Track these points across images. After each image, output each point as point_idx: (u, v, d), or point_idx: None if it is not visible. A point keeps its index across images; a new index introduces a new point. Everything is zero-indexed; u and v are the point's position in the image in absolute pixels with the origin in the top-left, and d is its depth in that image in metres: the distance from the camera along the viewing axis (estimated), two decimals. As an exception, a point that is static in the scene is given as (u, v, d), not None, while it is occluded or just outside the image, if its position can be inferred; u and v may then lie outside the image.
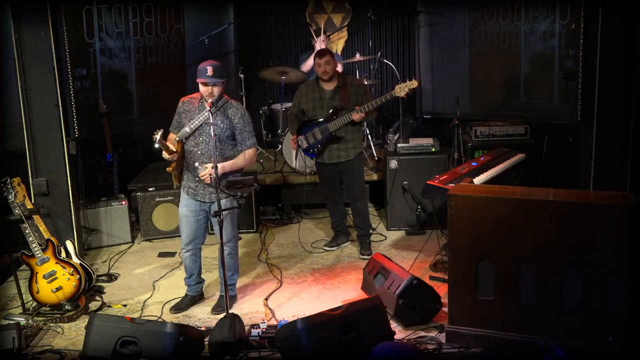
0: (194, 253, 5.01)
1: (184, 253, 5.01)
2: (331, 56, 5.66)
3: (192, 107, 4.83)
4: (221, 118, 4.76)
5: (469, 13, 7.39)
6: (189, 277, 5.09)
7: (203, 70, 4.68)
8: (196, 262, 5.05)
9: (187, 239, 4.96)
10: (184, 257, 5.06)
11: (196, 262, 5.06)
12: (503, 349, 4.24)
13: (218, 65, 4.73)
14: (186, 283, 5.13)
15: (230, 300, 4.96)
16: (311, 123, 5.77)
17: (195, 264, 5.06)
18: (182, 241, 4.99)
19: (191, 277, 5.09)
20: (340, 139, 5.69)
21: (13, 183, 5.01)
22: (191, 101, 4.86)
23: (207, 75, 4.65)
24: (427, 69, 7.81)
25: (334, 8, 8.15)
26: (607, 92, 5.65)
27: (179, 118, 4.87)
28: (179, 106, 4.90)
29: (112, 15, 6.87)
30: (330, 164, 5.80)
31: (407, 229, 6.47)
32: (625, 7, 5.43)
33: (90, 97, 6.62)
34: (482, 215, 4.23)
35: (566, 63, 6.55)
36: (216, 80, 4.67)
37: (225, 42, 7.87)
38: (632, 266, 3.93)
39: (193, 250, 5.00)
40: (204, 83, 4.68)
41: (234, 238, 5.01)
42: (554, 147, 6.46)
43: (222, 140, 4.75)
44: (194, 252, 5.01)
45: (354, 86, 5.75)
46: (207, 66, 4.68)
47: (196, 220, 4.92)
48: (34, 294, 5.00)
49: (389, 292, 4.69)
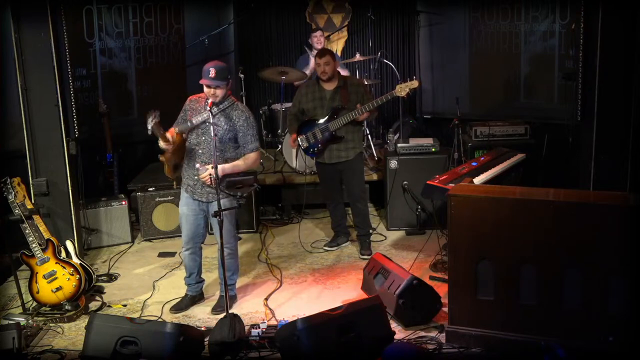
0: (194, 252, 5.01)
1: (184, 252, 5.02)
2: (331, 56, 5.65)
3: (199, 106, 4.82)
4: (225, 119, 4.76)
5: (469, 13, 7.40)
6: (188, 277, 5.09)
7: (206, 71, 4.66)
8: (196, 261, 5.06)
9: (187, 238, 4.96)
10: (183, 256, 5.06)
11: (196, 261, 5.06)
12: (503, 349, 4.24)
13: (222, 67, 4.71)
14: (186, 282, 5.13)
15: (230, 300, 4.96)
16: (311, 123, 5.76)
17: (195, 263, 5.06)
18: (183, 240, 5.01)
19: (191, 276, 5.09)
20: (340, 138, 5.69)
21: (13, 183, 5.01)
22: (198, 100, 4.86)
23: (210, 77, 4.64)
24: (427, 69, 7.82)
25: (334, 8, 8.16)
26: (607, 92, 5.65)
27: (185, 115, 4.87)
28: (186, 104, 4.90)
29: (112, 15, 6.88)
30: (330, 163, 5.80)
31: (407, 229, 6.47)
32: (625, 7, 5.43)
33: (90, 97, 6.63)
34: (482, 215, 4.23)
35: (566, 63, 6.56)
36: (218, 83, 4.66)
37: (225, 42, 7.88)
38: (632, 266, 3.93)
39: (193, 249, 5.00)
40: (207, 85, 4.68)
41: (233, 238, 5.01)
42: (554, 147, 6.46)
43: (223, 141, 4.75)
44: (194, 250, 5.01)
45: (354, 86, 5.75)
46: (210, 67, 4.66)
47: (195, 219, 4.92)
48: (34, 294, 5.00)
49: (389, 292, 4.69)
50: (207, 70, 4.65)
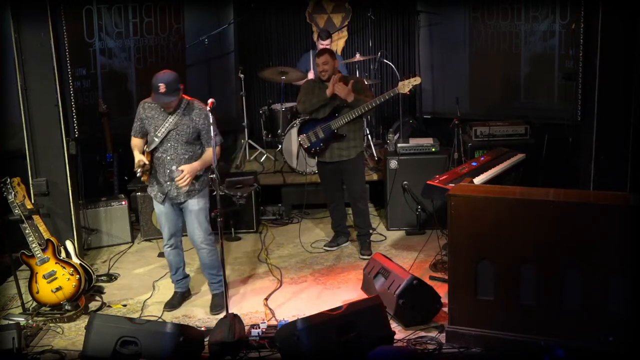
0: (177, 246, 5.05)
1: (167, 249, 5.04)
2: (330, 56, 5.63)
3: (155, 114, 4.73)
4: (186, 120, 4.70)
5: (469, 13, 7.39)
6: (174, 273, 5.13)
7: (155, 86, 4.54)
8: (179, 255, 5.10)
9: (168, 234, 4.97)
10: (167, 254, 5.07)
11: (180, 255, 5.10)
12: (503, 349, 4.24)
13: (171, 79, 4.55)
14: (173, 280, 5.16)
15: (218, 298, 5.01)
16: (313, 122, 5.76)
17: (180, 257, 5.10)
18: (164, 238, 5.01)
19: (177, 272, 5.12)
20: (342, 137, 5.68)
21: (13, 183, 5.01)
22: (152, 107, 4.75)
23: (160, 92, 4.53)
24: (427, 69, 7.82)
25: (334, 8, 8.16)
26: (607, 92, 5.65)
27: (142, 124, 4.78)
28: (140, 112, 4.78)
29: (112, 15, 6.87)
30: (332, 162, 5.79)
31: (407, 229, 6.47)
32: (625, 7, 5.43)
33: (90, 97, 6.62)
34: (482, 215, 4.23)
35: (566, 63, 6.56)
36: (168, 99, 4.57)
37: (225, 42, 7.88)
38: (632, 266, 3.93)
39: (175, 244, 5.03)
40: (159, 103, 4.61)
41: (211, 234, 4.99)
42: (554, 147, 6.46)
43: (189, 142, 4.72)
44: (176, 245, 5.04)
45: (354, 83, 5.67)
46: (158, 83, 4.52)
47: (174, 214, 4.92)
48: (34, 294, 5.00)
49: (389, 292, 4.69)
50: (157, 86, 4.53)
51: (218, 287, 5.05)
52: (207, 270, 5.03)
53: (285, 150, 6.92)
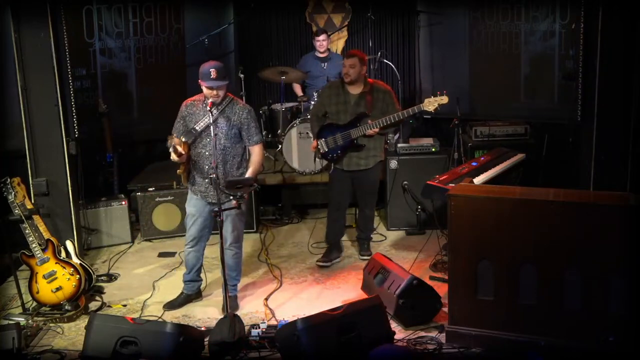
0: (198, 250, 5.04)
1: (188, 249, 5.02)
2: (359, 61, 5.44)
3: (197, 110, 4.81)
4: (226, 118, 4.76)
5: (469, 13, 7.38)
6: (188, 272, 5.10)
7: (206, 73, 4.63)
8: (199, 259, 5.08)
9: (192, 237, 4.97)
10: (186, 253, 5.05)
11: (199, 260, 5.09)
12: (503, 349, 4.24)
13: (220, 66, 4.69)
14: (184, 279, 5.13)
15: (231, 300, 4.96)
16: (333, 127, 5.57)
17: (198, 261, 5.09)
18: (187, 238, 5.00)
19: (191, 272, 5.09)
20: (361, 147, 5.51)
21: (13, 183, 5.01)
22: (194, 104, 4.84)
23: (211, 78, 4.62)
24: (427, 69, 7.81)
25: (334, 8, 8.15)
26: (607, 92, 5.65)
27: (184, 122, 4.84)
28: (182, 110, 4.86)
29: (112, 15, 6.87)
30: (349, 170, 5.65)
31: (407, 229, 6.47)
32: (625, 7, 5.43)
33: (90, 97, 6.61)
34: (482, 215, 4.23)
35: (566, 63, 6.55)
36: (220, 83, 4.65)
37: (225, 42, 7.87)
38: (632, 266, 3.93)
39: (197, 248, 5.02)
40: (209, 87, 4.66)
41: (241, 239, 5.02)
42: (554, 147, 6.46)
43: (228, 138, 4.76)
44: (198, 249, 5.03)
45: (381, 92, 5.53)
46: (210, 69, 4.62)
47: (204, 221, 4.94)
48: (34, 294, 5.00)
49: (389, 292, 4.69)
50: (207, 72, 4.62)
51: (233, 289, 5.07)
52: (228, 271, 4.93)
53: (285, 150, 6.92)
